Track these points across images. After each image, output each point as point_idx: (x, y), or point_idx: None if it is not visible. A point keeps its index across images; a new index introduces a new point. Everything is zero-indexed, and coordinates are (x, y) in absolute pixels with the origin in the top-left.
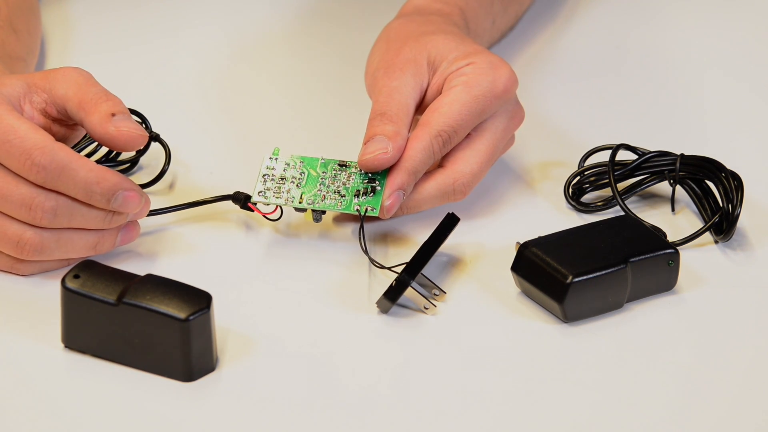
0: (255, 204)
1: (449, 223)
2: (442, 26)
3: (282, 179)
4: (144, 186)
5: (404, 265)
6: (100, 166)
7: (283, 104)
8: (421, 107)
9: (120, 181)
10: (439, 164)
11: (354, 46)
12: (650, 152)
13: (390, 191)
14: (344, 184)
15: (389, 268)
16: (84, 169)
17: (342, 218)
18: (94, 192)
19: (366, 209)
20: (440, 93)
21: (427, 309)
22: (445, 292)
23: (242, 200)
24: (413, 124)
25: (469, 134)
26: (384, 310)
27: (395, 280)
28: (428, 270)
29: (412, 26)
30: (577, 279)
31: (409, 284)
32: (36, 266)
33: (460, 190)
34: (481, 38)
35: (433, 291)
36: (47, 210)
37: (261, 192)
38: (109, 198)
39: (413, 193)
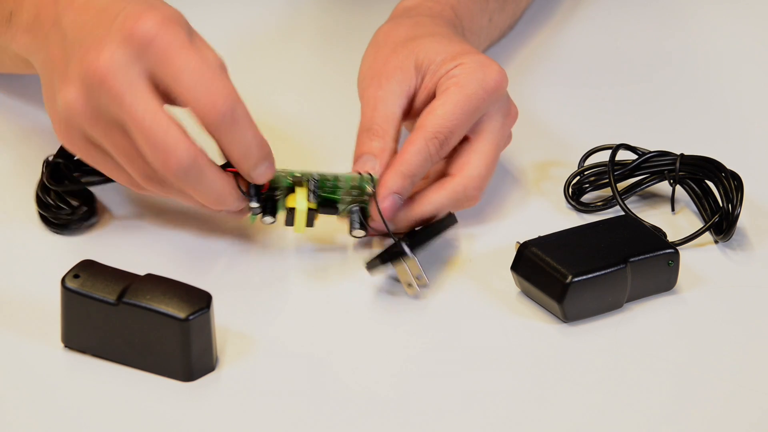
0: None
1: (448, 221)
2: (431, 28)
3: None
4: None
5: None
6: (227, 179)
7: (282, 103)
8: (411, 113)
9: (239, 203)
10: (446, 172)
11: (353, 45)
12: (650, 152)
13: (384, 194)
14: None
15: (392, 236)
16: (211, 188)
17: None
18: (211, 203)
19: (374, 183)
20: (432, 96)
21: (410, 287)
22: (427, 283)
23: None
24: (410, 128)
25: (468, 138)
26: (371, 269)
27: (392, 245)
28: (426, 265)
29: (401, 30)
30: (576, 279)
31: (405, 253)
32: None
33: (472, 195)
34: (478, 36)
35: (417, 275)
36: (162, 187)
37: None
38: (220, 209)
39: (425, 205)
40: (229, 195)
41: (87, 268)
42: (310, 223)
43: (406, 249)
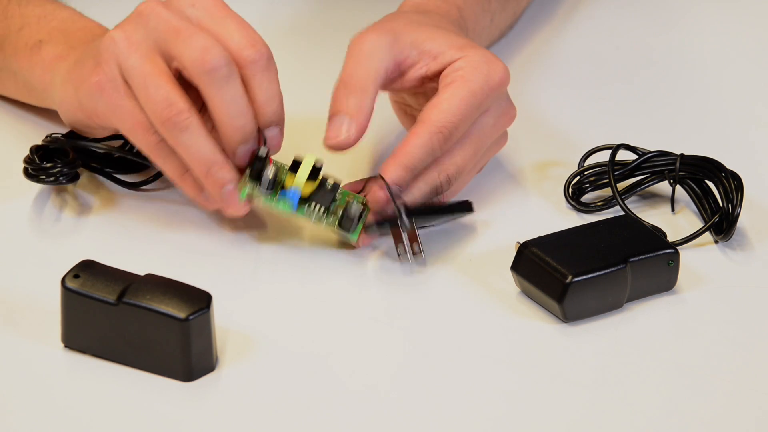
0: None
1: (463, 206)
2: (437, 22)
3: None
4: (144, 183)
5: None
6: (250, 104)
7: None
8: (398, 81)
9: (253, 134)
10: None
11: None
12: (650, 152)
13: (381, 183)
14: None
15: (395, 202)
16: (237, 97)
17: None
18: (230, 122)
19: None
20: (428, 78)
21: (399, 255)
22: (423, 255)
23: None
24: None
25: None
26: (367, 231)
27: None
28: (426, 265)
29: (409, 15)
30: (576, 279)
31: (401, 217)
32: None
33: (446, 181)
34: (480, 36)
35: (414, 245)
36: (183, 111)
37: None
38: (234, 137)
39: (406, 194)
40: (250, 118)
41: (87, 268)
42: (313, 176)
43: (403, 214)
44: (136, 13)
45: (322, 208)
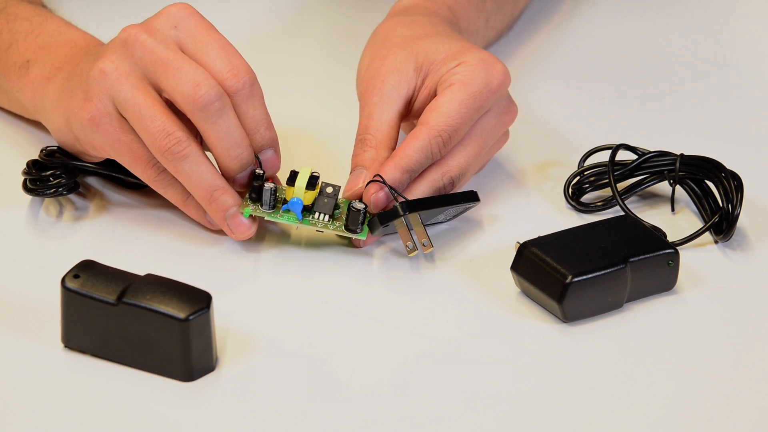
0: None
1: (468, 196)
2: (428, 28)
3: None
4: (142, 185)
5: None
6: (246, 134)
7: (280, 103)
8: (410, 114)
9: (250, 160)
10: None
11: (356, 41)
12: (650, 152)
13: (379, 185)
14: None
15: (394, 197)
16: (232, 129)
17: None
18: (226, 151)
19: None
20: (434, 95)
21: (409, 249)
22: (432, 246)
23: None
24: (409, 128)
25: None
26: (372, 231)
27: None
28: (427, 264)
29: (398, 30)
30: (576, 279)
31: (401, 215)
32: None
33: (449, 183)
34: (475, 36)
35: (422, 240)
36: (181, 140)
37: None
38: (232, 165)
39: (407, 192)
40: (246, 146)
41: (87, 268)
42: (311, 184)
43: (400, 209)
44: (120, 41)
45: (326, 216)
